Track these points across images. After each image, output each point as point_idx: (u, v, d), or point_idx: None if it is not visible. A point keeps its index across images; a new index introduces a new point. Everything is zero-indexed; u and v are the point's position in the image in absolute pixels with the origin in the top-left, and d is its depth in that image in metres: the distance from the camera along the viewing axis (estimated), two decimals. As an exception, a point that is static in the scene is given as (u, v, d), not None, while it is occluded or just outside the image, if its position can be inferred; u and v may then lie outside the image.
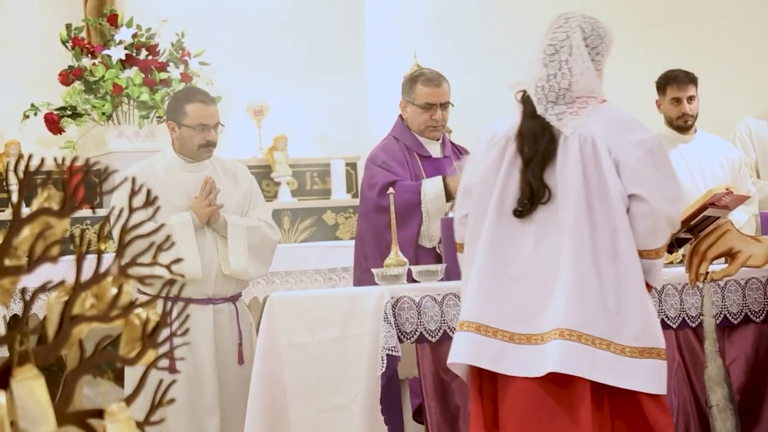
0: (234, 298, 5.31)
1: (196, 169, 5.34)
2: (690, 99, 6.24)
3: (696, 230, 4.69)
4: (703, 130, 6.44)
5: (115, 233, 1.68)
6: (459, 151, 5.53)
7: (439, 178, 5.21)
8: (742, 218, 6.03)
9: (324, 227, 7.11)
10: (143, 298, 1.79)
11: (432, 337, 4.07)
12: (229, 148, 7.28)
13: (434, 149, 5.41)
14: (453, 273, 4.38)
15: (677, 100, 6.25)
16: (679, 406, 4.26)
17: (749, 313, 4.40)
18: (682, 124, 6.29)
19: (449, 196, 5.19)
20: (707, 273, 3.91)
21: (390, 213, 4.60)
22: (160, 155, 5.43)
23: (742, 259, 3.88)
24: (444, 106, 5.36)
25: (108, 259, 1.61)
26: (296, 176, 7.29)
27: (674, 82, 6.23)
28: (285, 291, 6.36)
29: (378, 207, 5.17)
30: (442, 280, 4.33)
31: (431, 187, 5.20)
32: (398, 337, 4.01)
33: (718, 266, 3.95)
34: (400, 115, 5.51)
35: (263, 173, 7.22)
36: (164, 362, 1.69)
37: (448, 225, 4.48)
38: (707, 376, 4.02)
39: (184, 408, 5.06)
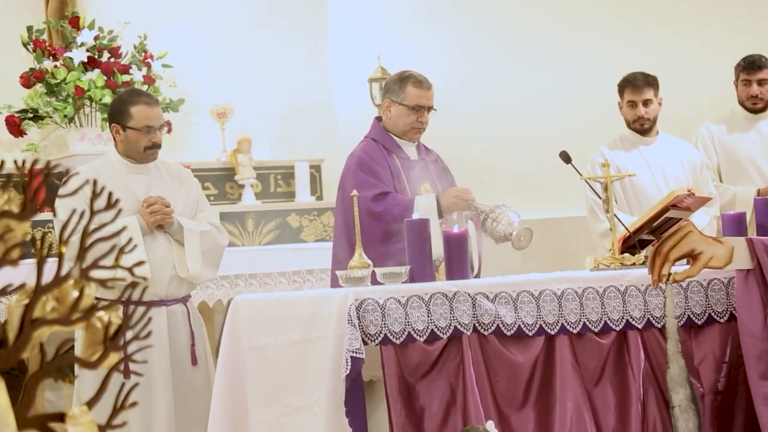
0: (185, 299, 5.33)
1: (142, 171, 5.33)
2: (646, 102, 6.28)
3: (658, 232, 4.73)
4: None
5: (75, 237, 1.66)
6: (431, 153, 5.56)
7: (433, 196, 5.22)
8: (703, 220, 6.07)
9: (288, 230, 7.09)
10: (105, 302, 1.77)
11: (396, 339, 4.07)
12: (192, 151, 7.26)
13: (411, 151, 5.44)
14: (417, 275, 4.39)
15: (633, 104, 6.30)
16: (646, 407, 4.27)
17: (713, 314, 4.42)
18: (638, 127, 6.34)
19: (440, 213, 5.19)
20: (670, 274, 3.93)
21: (355, 217, 4.59)
22: (104, 158, 5.42)
23: (704, 261, 3.90)
24: (429, 109, 5.38)
25: (68, 261, 1.60)
26: (260, 178, 7.28)
27: (631, 86, 6.28)
28: (249, 294, 6.35)
29: (371, 214, 5.11)
30: (406, 282, 4.33)
31: (425, 204, 5.18)
32: (362, 339, 4.01)
33: (680, 267, 3.97)
34: (377, 117, 5.51)
35: (227, 176, 7.20)
36: (121, 366, 1.68)
37: (411, 227, 4.49)
38: (669, 376, 4.04)
39: (138, 412, 5.05)
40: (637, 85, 6.26)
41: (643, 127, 6.34)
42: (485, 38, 8.13)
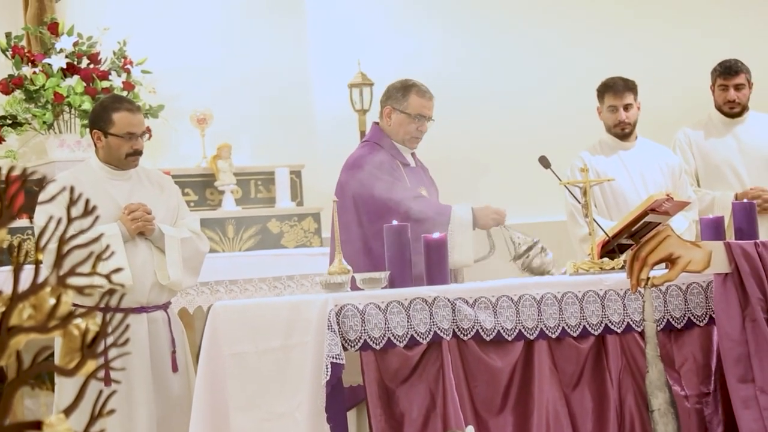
0: (165, 306, 5.32)
1: (122, 178, 5.33)
2: (627, 107, 6.30)
3: (637, 236, 4.74)
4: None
5: (52, 245, 1.66)
6: (420, 161, 5.60)
7: (469, 207, 5.26)
8: (683, 225, 6.09)
9: (269, 236, 7.09)
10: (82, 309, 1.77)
11: (376, 344, 4.08)
12: (172, 157, 7.25)
13: (409, 158, 5.48)
14: (397, 280, 4.40)
15: (614, 108, 6.32)
16: (624, 411, 4.29)
17: (692, 318, 4.44)
18: (619, 132, 6.36)
19: (475, 226, 5.24)
20: (648, 278, 3.95)
21: (335, 220, 4.59)
22: (84, 165, 5.41)
23: (682, 265, 3.92)
24: (428, 119, 5.42)
25: (45, 269, 1.60)
26: (240, 184, 7.27)
27: (611, 90, 6.30)
28: (229, 300, 6.34)
29: (405, 217, 4.99)
30: (385, 287, 4.33)
31: (461, 215, 5.22)
32: (342, 344, 4.01)
33: (659, 271, 3.99)
34: (376, 123, 5.53)
35: (207, 182, 7.19)
36: (101, 373, 1.68)
37: (392, 233, 4.49)
38: (648, 380, 4.05)
39: (119, 419, 5.04)
40: (617, 90, 6.28)
41: (623, 132, 6.36)
42: (464, 44, 8.14)
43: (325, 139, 7.64)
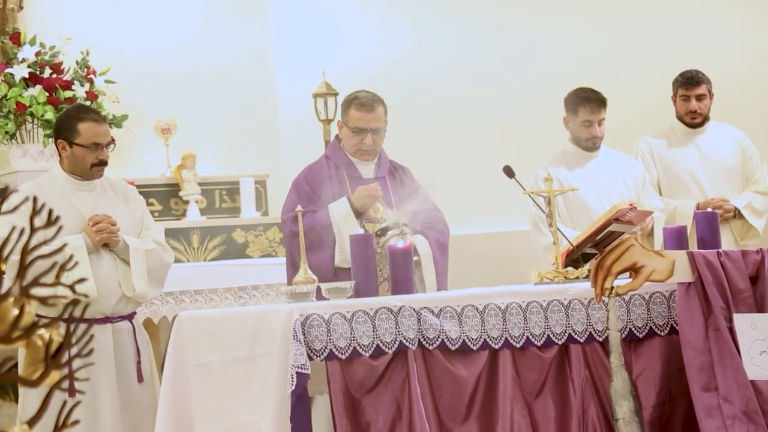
0: (131, 316, 5.31)
1: (87, 188, 5.31)
2: (600, 122, 6.32)
3: (601, 245, 4.76)
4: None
5: (15, 257, 1.65)
6: (398, 171, 5.58)
7: (344, 198, 5.25)
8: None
9: (233, 245, 7.07)
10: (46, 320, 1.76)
11: (342, 354, 4.07)
12: (136, 167, 7.22)
13: (366, 170, 5.47)
14: (362, 290, 4.40)
15: (589, 123, 6.31)
16: (586, 420, 4.30)
17: (654, 327, 4.46)
18: (590, 146, 6.38)
19: (357, 213, 5.23)
20: (612, 287, 3.97)
21: (299, 234, 4.60)
22: (48, 175, 5.38)
23: (646, 274, 3.94)
24: (376, 131, 5.39)
25: (8, 279, 1.59)
26: (205, 194, 7.25)
27: (587, 105, 6.27)
28: (194, 310, 6.32)
29: (292, 233, 5.22)
30: (351, 297, 4.33)
31: (339, 208, 5.23)
32: (308, 354, 4.00)
33: (622, 281, 4.01)
34: (337, 135, 5.56)
35: (171, 191, 7.17)
36: (65, 384, 1.67)
37: (357, 241, 4.50)
38: (613, 389, 4.07)
39: (84, 430, 5.01)
40: (594, 107, 6.26)
41: (595, 146, 6.38)
42: (428, 51, 8.16)
43: (290, 149, 7.62)
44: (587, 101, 6.26)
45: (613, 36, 8.44)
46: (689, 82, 6.84)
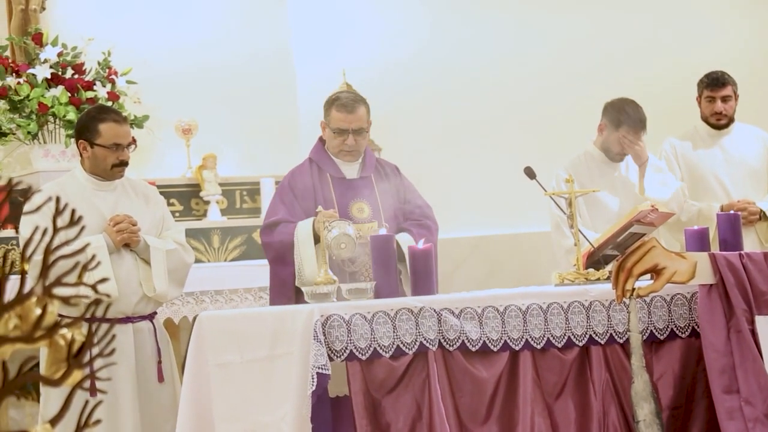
0: (151, 316, 5.32)
1: (108, 188, 5.32)
2: (636, 139, 6.27)
3: (622, 247, 4.75)
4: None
5: (37, 257, 1.66)
6: (384, 169, 5.53)
7: (310, 220, 5.18)
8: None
9: (254, 246, 7.08)
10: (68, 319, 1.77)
11: (362, 354, 4.07)
12: (157, 167, 7.24)
13: (350, 171, 5.42)
14: (382, 291, 4.40)
15: (628, 142, 6.24)
16: (607, 422, 4.29)
17: (675, 329, 4.45)
18: (618, 159, 6.34)
19: (317, 239, 5.09)
20: (633, 289, 3.96)
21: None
22: (70, 175, 5.39)
23: (668, 276, 3.93)
24: (358, 131, 5.36)
25: (30, 279, 1.59)
26: (226, 195, 7.26)
27: (632, 127, 6.15)
28: (215, 310, 6.33)
29: (263, 242, 5.34)
30: (371, 298, 4.33)
31: (303, 228, 5.18)
32: (328, 355, 4.00)
33: (644, 282, 4.00)
34: (321, 136, 5.54)
35: (192, 192, 7.18)
36: (87, 383, 1.68)
37: (377, 243, 4.49)
38: (634, 391, 4.05)
39: (105, 429, 5.02)
40: (638, 129, 6.18)
41: (622, 160, 6.35)
42: (448, 49, 8.15)
43: (310, 150, 7.62)
44: (633, 123, 6.17)
45: (636, 35, 8.41)
46: (715, 83, 6.79)
